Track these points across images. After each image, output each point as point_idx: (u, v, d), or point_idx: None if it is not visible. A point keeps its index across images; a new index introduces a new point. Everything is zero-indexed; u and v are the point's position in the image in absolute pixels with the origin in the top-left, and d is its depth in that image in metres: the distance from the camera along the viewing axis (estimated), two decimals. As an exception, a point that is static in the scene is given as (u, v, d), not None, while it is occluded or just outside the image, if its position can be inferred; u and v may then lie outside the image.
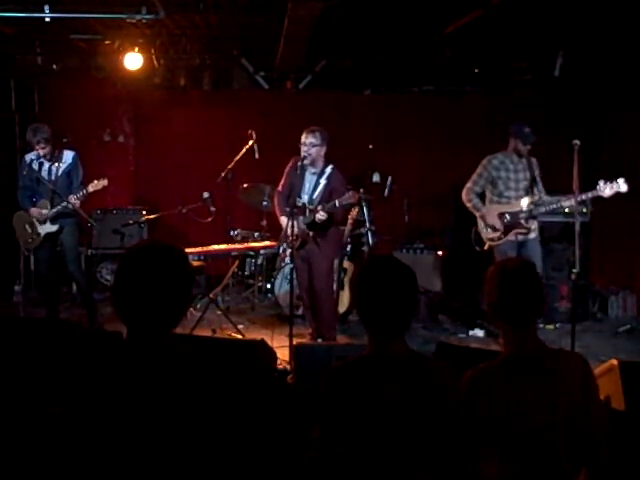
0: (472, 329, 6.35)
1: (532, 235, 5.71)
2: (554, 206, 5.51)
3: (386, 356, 2.14)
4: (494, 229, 5.72)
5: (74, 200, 5.73)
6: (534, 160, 5.77)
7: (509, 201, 5.71)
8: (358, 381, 2.10)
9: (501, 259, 5.32)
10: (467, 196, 5.83)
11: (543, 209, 5.60)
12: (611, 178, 5.24)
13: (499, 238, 5.71)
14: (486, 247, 5.80)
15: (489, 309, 2.35)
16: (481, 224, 5.81)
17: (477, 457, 2.17)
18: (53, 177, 5.88)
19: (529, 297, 2.28)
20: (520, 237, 5.67)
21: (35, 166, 5.88)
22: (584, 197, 5.33)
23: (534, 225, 5.71)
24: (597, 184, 5.25)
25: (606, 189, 5.22)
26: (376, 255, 5.98)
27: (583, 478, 2.21)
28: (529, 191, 5.69)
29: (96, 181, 5.79)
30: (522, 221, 5.64)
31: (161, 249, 1.94)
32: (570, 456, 2.19)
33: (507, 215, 5.67)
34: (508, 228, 5.67)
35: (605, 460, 2.22)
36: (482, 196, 5.88)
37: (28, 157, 5.95)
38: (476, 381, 2.24)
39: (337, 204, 5.16)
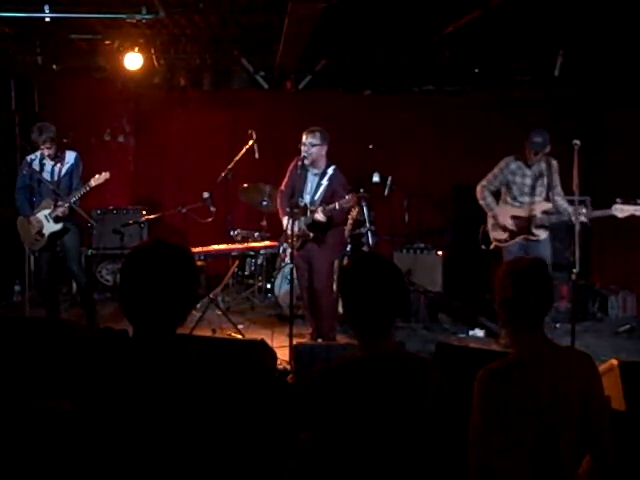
0: (472, 329, 6.35)
1: (543, 236, 5.64)
2: (565, 218, 5.43)
3: (373, 355, 2.13)
4: (504, 230, 5.69)
5: (73, 199, 5.75)
6: (555, 163, 5.64)
7: (522, 206, 5.66)
8: (344, 382, 2.07)
9: (510, 259, 5.32)
10: (481, 194, 5.82)
11: (554, 218, 5.52)
12: (627, 195, 5.18)
13: (506, 240, 5.68)
14: (492, 247, 5.78)
15: (501, 308, 2.34)
16: (490, 223, 5.78)
17: (491, 453, 2.18)
18: (55, 177, 5.88)
19: (543, 296, 2.30)
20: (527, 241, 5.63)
21: (36, 166, 5.88)
22: (598, 214, 5.28)
23: (544, 234, 5.63)
24: (614, 202, 5.19)
25: (621, 210, 5.17)
26: (361, 253, 5.98)
27: (586, 466, 2.25)
28: (544, 198, 5.61)
29: (97, 175, 5.80)
30: (532, 228, 5.58)
31: (167, 248, 1.94)
32: (580, 450, 2.24)
33: (517, 220, 5.63)
34: (516, 232, 5.64)
35: (612, 453, 2.26)
36: (497, 194, 5.85)
37: (29, 157, 5.96)
38: (490, 380, 2.24)
39: (337, 207, 5.16)
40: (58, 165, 5.89)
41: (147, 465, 1.78)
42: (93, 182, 5.78)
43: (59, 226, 5.85)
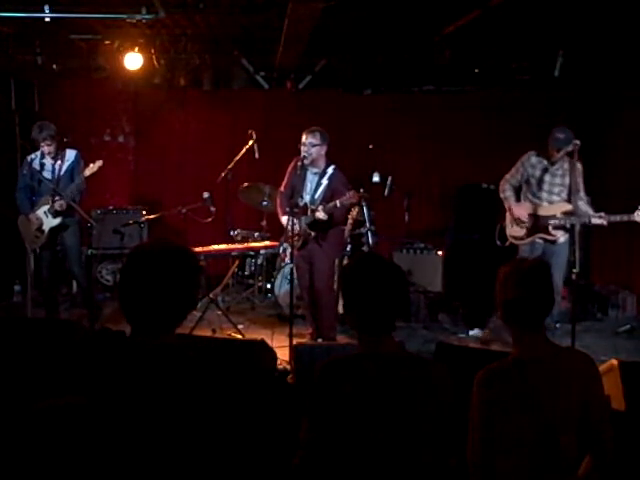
0: (472, 329, 6.35)
1: (562, 239, 5.52)
2: (585, 220, 5.27)
3: (375, 354, 2.15)
4: (520, 227, 5.61)
5: (72, 194, 5.78)
6: (579, 166, 5.43)
7: (540, 203, 5.56)
8: (347, 378, 2.10)
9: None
10: (502, 186, 5.74)
11: (573, 219, 5.34)
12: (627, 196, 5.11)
13: (522, 238, 5.60)
14: (507, 243, 5.71)
15: (502, 308, 2.35)
16: (508, 219, 5.71)
17: (492, 453, 2.19)
18: (55, 176, 5.90)
19: (544, 297, 2.31)
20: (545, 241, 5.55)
21: (37, 165, 5.90)
22: (618, 219, 5.21)
23: (563, 237, 5.51)
24: (637, 208, 5.11)
25: None
26: (363, 253, 5.99)
27: (587, 465, 2.26)
28: (565, 199, 5.50)
29: (91, 164, 5.81)
30: (549, 228, 5.49)
31: (170, 249, 1.93)
32: (580, 449, 2.24)
33: (535, 217, 5.54)
34: (533, 230, 5.56)
35: (611, 452, 2.27)
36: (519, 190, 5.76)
37: (29, 157, 5.98)
38: (490, 380, 2.25)
39: (338, 204, 5.16)
40: (58, 163, 5.90)
41: (146, 465, 1.78)
42: (87, 172, 5.80)
43: (58, 221, 5.86)
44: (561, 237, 5.54)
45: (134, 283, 1.90)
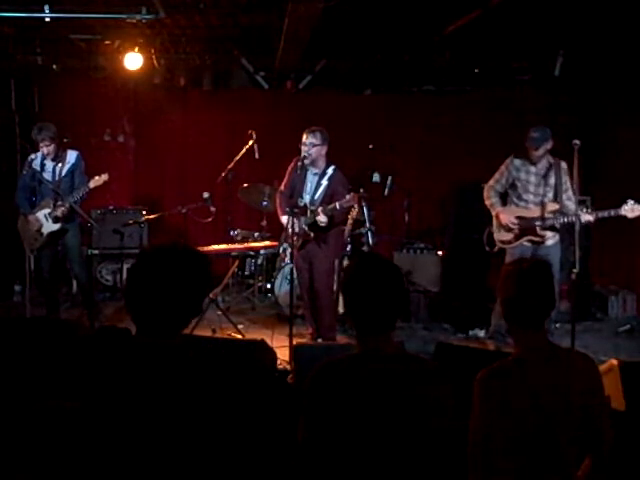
0: (472, 329, 6.35)
1: (549, 242, 5.48)
2: (573, 219, 5.18)
3: (372, 353, 2.15)
4: (507, 231, 5.57)
5: (73, 199, 5.76)
6: (564, 165, 5.43)
7: (527, 205, 5.52)
8: (345, 378, 2.10)
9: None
10: (487, 193, 5.71)
11: (562, 220, 5.33)
12: (627, 194, 5.07)
13: (510, 242, 5.56)
14: (496, 249, 5.68)
15: (504, 307, 2.36)
16: (495, 224, 5.68)
17: (492, 453, 2.19)
18: (57, 177, 5.90)
19: (546, 297, 2.32)
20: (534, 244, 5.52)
21: (37, 166, 5.89)
22: (605, 214, 5.15)
23: (550, 235, 5.46)
24: (625, 202, 5.07)
25: (631, 210, 5.05)
26: (363, 253, 6.00)
27: (587, 465, 2.27)
28: (551, 198, 5.47)
29: (97, 177, 5.81)
30: (537, 229, 5.44)
31: (180, 251, 1.93)
32: (580, 448, 2.25)
33: (522, 220, 5.50)
34: (521, 233, 5.51)
35: (610, 452, 2.28)
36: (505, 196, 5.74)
37: (30, 157, 5.98)
38: (490, 380, 2.25)
39: (337, 207, 5.16)
40: (59, 165, 5.90)
41: (147, 465, 1.78)
42: (92, 184, 5.80)
43: (57, 226, 5.85)
44: (550, 239, 5.49)
45: (143, 283, 1.89)
